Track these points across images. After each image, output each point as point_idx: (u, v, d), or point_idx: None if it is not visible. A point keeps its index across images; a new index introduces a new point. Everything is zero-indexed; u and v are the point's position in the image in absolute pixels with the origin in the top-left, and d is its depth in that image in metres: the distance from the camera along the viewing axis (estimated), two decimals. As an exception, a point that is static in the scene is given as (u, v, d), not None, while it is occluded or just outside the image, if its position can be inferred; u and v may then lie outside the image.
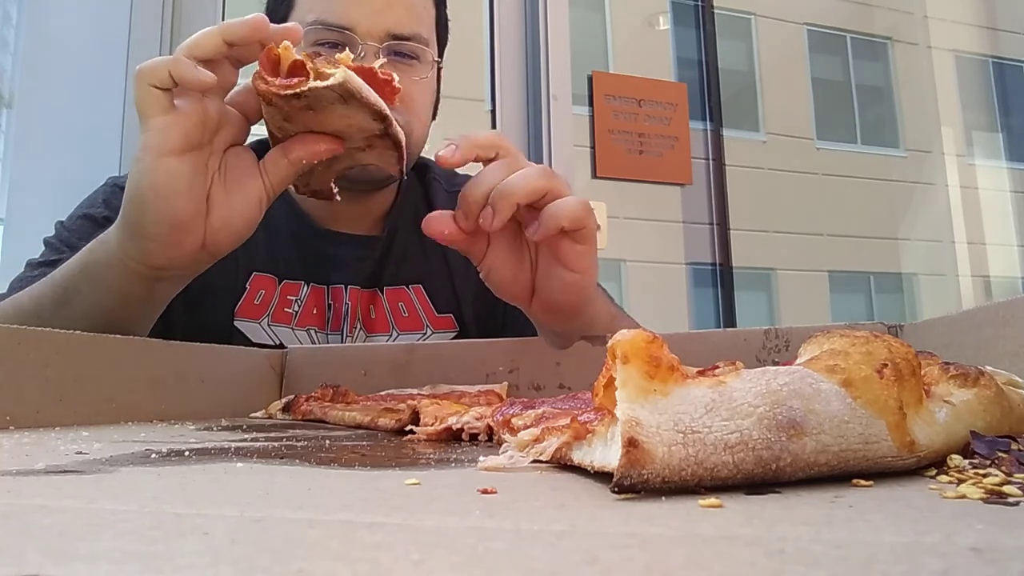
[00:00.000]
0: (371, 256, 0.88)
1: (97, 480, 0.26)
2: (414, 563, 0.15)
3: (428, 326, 0.87)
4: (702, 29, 3.13)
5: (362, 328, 0.86)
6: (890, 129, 4.54)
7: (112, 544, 0.16)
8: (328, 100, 0.50)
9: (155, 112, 0.53)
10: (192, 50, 0.53)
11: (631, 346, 0.23)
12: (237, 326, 0.82)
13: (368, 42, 0.78)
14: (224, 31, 0.54)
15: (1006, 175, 4.34)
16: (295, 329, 0.84)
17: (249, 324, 0.82)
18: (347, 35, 0.78)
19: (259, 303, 0.83)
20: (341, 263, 0.87)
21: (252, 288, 0.83)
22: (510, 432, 0.37)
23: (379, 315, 0.87)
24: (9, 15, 1.67)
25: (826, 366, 0.24)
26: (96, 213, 0.82)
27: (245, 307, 0.83)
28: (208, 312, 0.81)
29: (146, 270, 0.58)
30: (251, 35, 0.54)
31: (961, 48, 4.39)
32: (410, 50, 0.81)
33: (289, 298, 0.84)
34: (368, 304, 0.87)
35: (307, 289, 0.85)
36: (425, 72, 0.82)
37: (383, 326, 0.87)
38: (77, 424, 0.48)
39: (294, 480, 0.27)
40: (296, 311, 0.84)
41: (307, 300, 0.85)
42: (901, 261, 4.26)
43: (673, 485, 0.21)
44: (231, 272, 0.82)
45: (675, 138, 2.61)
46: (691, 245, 2.89)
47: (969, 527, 0.17)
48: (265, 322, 0.83)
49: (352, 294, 0.86)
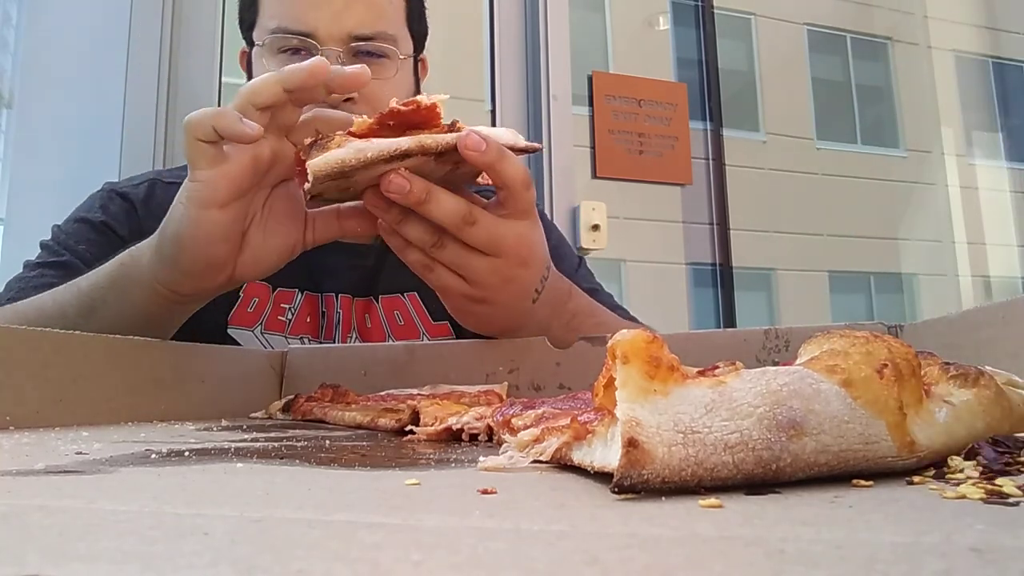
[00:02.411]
0: (364, 264, 0.88)
1: (97, 480, 0.26)
2: (414, 563, 0.15)
3: (424, 334, 0.87)
4: (702, 29, 3.13)
5: (358, 337, 0.86)
6: (890, 129, 4.54)
7: (112, 544, 0.16)
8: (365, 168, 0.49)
9: (202, 165, 0.53)
10: (252, 98, 0.53)
11: (631, 346, 0.23)
12: (231, 334, 0.82)
13: (330, 46, 0.77)
14: (283, 79, 0.53)
15: (1006, 175, 4.33)
16: (288, 337, 0.84)
17: (242, 332, 0.82)
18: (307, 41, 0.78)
19: (252, 311, 0.83)
20: (334, 272, 0.86)
21: (246, 296, 0.83)
22: (510, 432, 0.37)
23: (375, 323, 0.87)
24: (9, 15, 1.67)
25: (826, 366, 0.24)
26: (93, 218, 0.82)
27: (238, 315, 0.83)
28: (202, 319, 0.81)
29: (173, 295, 0.59)
30: (310, 81, 0.53)
31: (961, 48, 4.38)
32: (375, 49, 0.80)
33: (283, 306, 0.84)
34: (363, 313, 0.87)
35: (301, 297, 0.85)
36: (392, 71, 0.82)
37: (379, 334, 0.87)
38: (77, 424, 0.48)
39: (294, 480, 0.27)
40: (289, 319, 0.84)
41: (300, 308, 0.85)
42: (901, 261, 4.25)
43: (673, 485, 0.21)
44: None
45: (675, 138, 2.61)
46: (691, 245, 2.89)
47: (969, 527, 0.17)
48: (258, 330, 0.83)
49: (345, 303, 0.86)
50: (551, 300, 0.67)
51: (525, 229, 0.59)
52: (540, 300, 0.64)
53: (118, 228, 0.82)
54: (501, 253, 0.57)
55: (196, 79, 1.56)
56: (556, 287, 0.68)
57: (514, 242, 0.57)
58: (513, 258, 0.58)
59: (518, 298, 0.62)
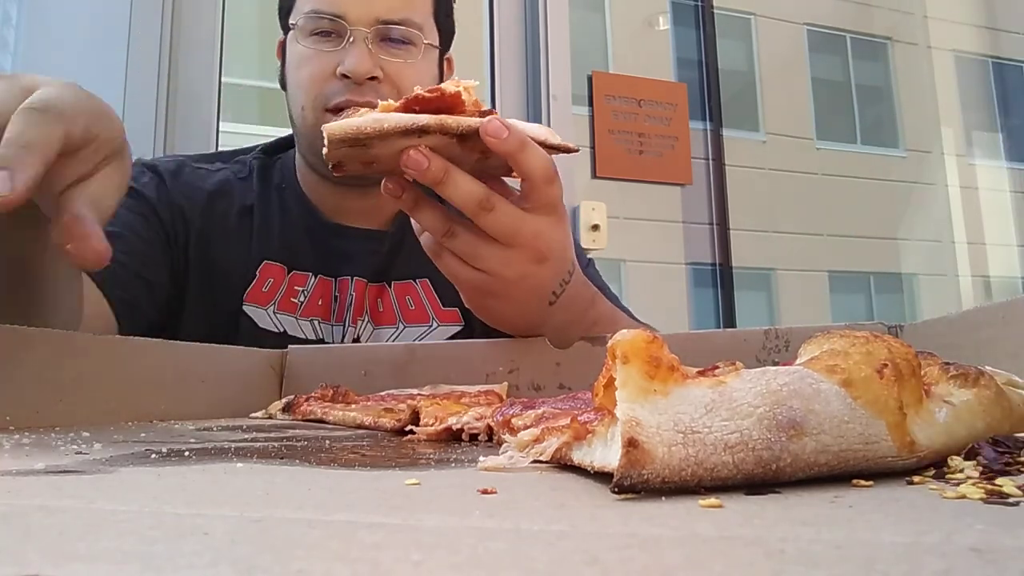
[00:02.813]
0: (379, 250, 0.90)
1: (97, 480, 0.26)
2: (414, 563, 0.15)
3: (434, 319, 0.89)
4: (702, 29, 3.13)
5: (370, 320, 0.88)
6: (890, 129, 4.54)
7: (112, 544, 0.16)
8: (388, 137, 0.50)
9: None
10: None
11: (631, 346, 0.23)
12: (245, 310, 0.85)
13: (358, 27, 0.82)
14: None
15: (1006, 175, 4.34)
16: (299, 319, 0.86)
17: (256, 310, 0.85)
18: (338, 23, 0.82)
19: (267, 290, 0.86)
20: (350, 257, 0.89)
21: (261, 275, 0.86)
22: (510, 432, 0.37)
23: (386, 308, 0.89)
24: (9, 15, 1.67)
25: (826, 366, 0.24)
26: None
27: (254, 293, 0.85)
28: (220, 293, 0.85)
29: None
30: None
31: (961, 48, 4.38)
32: (401, 35, 0.84)
33: (296, 288, 0.87)
34: (376, 297, 0.89)
35: (314, 280, 0.87)
36: (416, 55, 0.85)
37: (390, 319, 0.89)
38: (77, 424, 0.48)
39: (294, 480, 0.27)
40: (302, 301, 0.87)
41: (313, 291, 0.87)
42: (901, 261, 4.25)
43: (673, 485, 0.21)
44: (243, 258, 0.86)
45: (675, 138, 2.61)
46: (691, 245, 2.89)
47: (969, 527, 0.17)
48: (271, 309, 0.86)
49: (359, 287, 0.88)
50: (572, 305, 0.66)
51: (545, 225, 0.58)
52: (559, 304, 0.64)
53: (147, 193, 0.84)
54: (516, 244, 0.57)
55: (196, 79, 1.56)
56: (579, 293, 0.67)
57: (531, 236, 0.57)
58: (528, 252, 0.58)
59: (534, 296, 0.61)
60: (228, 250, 0.86)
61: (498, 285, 0.59)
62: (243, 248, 0.86)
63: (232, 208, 0.88)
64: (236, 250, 0.86)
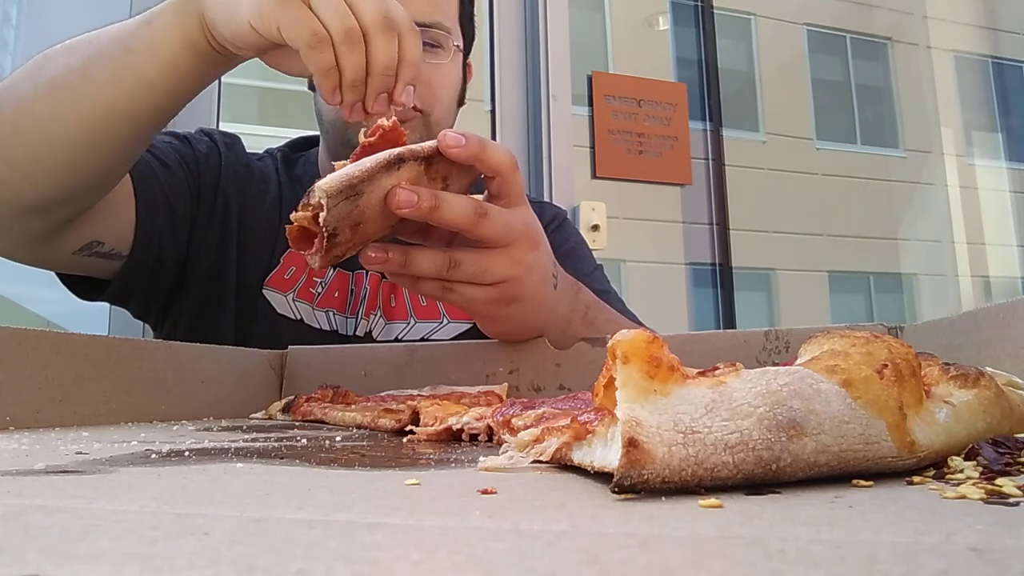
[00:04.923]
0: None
1: (97, 480, 0.26)
2: (414, 563, 0.15)
3: (444, 315, 0.91)
4: (702, 29, 3.13)
5: (382, 315, 0.90)
6: (890, 129, 4.53)
7: (112, 544, 0.16)
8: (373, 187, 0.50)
9: None
10: None
11: (631, 346, 0.23)
12: (265, 294, 0.88)
13: None
14: None
15: (1006, 175, 4.33)
16: (316, 308, 0.89)
17: (276, 295, 0.88)
18: None
19: (288, 278, 0.89)
20: None
21: (285, 263, 0.89)
22: (510, 432, 0.37)
23: (399, 303, 0.91)
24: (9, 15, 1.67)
25: (826, 366, 0.24)
26: (179, 132, 0.91)
27: (275, 279, 0.89)
28: (245, 273, 0.89)
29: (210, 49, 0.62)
30: None
31: (961, 48, 4.38)
32: (431, 38, 0.85)
33: (315, 279, 0.90)
34: (389, 292, 0.91)
35: (333, 273, 0.90)
36: (446, 58, 0.87)
37: (402, 314, 0.91)
38: (77, 424, 0.48)
39: (294, 480, 0.27)
40: (320, 292, 0.89)
41: (331, 283, 0.90)
42: (901, 261, 4.25)
43: (673, 485, 0.21)
44: (270, 245, 0.90)
45: (675, 138, 2.61)
46: (691, 245, 2.89)
47: (969, 527, 0.17)
48: (291, 296, 0.89)
49: (373, 282, 0.91)
50: (565, 288, 0.68)
51: (526, 212, 0.60)
52: (559, 286, 0.66)
53: (199, 149, 0.89)
54: (513, 240, 0.58)
55: (196, 79, 1.56)
56: (564, 276, 0.70)
57: (523, 226, 0.59)
58: (525, 242, 0.59)
59: (543, 282, 0.63)
60: (259, 233, 0.90)
61: (514, 288, 0.60)
62: (272, 234, 0.90)
63: (268, 195, 0.92)
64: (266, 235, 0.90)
